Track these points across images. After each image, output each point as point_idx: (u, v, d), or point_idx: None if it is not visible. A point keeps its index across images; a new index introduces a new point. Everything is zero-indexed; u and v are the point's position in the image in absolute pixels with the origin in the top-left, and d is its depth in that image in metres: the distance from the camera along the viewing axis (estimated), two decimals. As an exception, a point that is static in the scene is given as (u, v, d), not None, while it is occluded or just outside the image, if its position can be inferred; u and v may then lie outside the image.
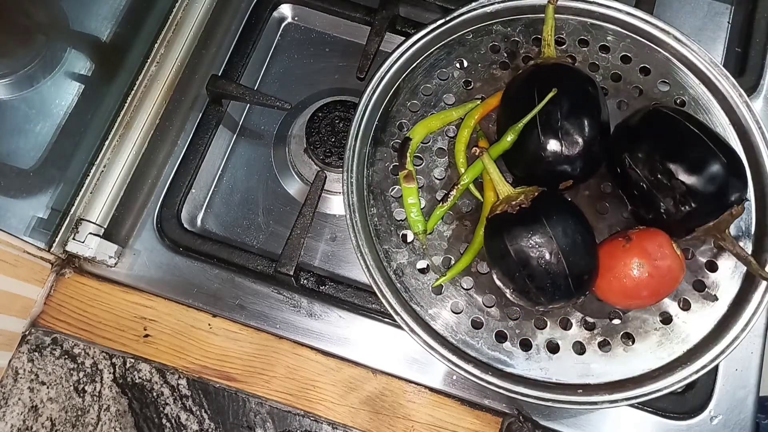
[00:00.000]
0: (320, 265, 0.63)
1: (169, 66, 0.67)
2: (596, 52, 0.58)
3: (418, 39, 0.58)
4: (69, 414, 0.58)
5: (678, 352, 0.52)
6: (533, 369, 0.51)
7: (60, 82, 0.59)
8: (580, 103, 0.51)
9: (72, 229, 0.60)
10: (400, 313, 0.51)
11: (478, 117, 0.56)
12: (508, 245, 0.48)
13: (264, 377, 0.59)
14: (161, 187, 0.64)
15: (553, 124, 0.50)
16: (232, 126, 0.68)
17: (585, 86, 0.52)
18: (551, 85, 0.51)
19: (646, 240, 0.50)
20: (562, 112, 0.50)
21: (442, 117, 0.56)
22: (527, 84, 0.53)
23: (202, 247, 0.61)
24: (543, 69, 0.54)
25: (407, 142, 0.55)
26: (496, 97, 0.56)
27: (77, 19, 0.61)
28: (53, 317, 0.60)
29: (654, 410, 0.58)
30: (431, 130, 0.56)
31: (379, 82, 0.57)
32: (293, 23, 0.72)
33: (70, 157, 0.61)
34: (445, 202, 0.53)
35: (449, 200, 0.53)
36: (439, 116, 0.56)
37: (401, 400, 0.59)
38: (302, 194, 0.64)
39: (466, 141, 0.56)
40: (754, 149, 0.55)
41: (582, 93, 0.52)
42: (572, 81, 0.52)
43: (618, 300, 0.51)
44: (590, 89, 0.52)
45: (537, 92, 0.51)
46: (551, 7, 0.55)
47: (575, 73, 0.53)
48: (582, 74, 0.53)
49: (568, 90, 0.51)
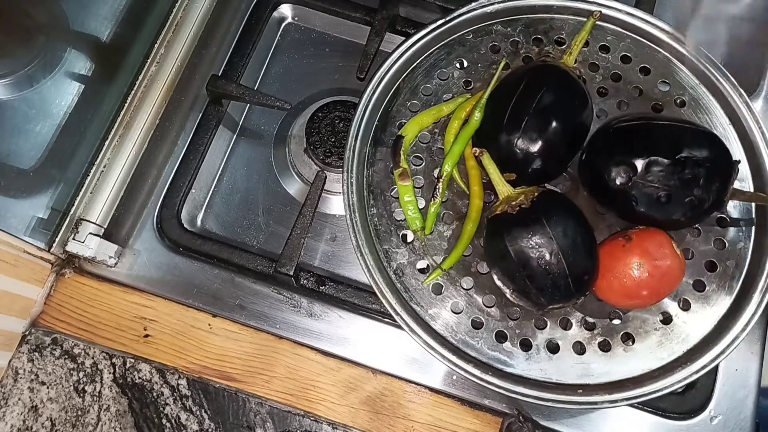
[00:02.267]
0: (320, 265, 0.63)
1: (169, 66, 0.67)
2: (596, 52, 0.58)
3: (418, 39, 0.58)
4: (69, 414, 0.58)
5: (678, 352, 0.52)
6: (533, 369, 0.51)
7: (60, 82, 0.59)
8: (558, 105, 0.51)
9: (72, 229, 0.60)
10: (400, 313, 0.51)
11: (468, 110, 0.56)
12: (508, 246, 0.48)
13: (264, 377, 0.59)
14: (161, 187, 0.64)
15: (521, 116, 0.50)
16: (232, 126, 0.68)
17: (571, 91, 0.53)
18: (540, 84, 0.51)
19: (646, 240, 0.50)
20: (535, 108, 0.50)
21: (434, 113, 0.56)
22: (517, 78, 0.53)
23: (202, 247, 0.61)
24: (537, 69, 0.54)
25: (400, 140, 0.55)
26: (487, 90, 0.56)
27: (77, 19, 0.61)
28: (53, 317, 0.60)
29: (654, 410, 0.58)
30: (423, 126, 0.56)
31: (379, 82, 0.57)
32: (293, 23, 0.72)
33: (70, 157, 0.61)
34: (435, 198, 0.53)
35: (438, 194, 0.53)
36: (431, 112, 0.56)
37: (401, 400, 0.59)
38: (302, 194, 0.64)
39: (456, 132, 0.56)
40: (754, 149, 0.55)
41: (565, 97, 0.52)
42: (562, 84, 0.52)
43: (618, 300, 0.51)
44: (576, 97, 0.52)
45: (524, 85, 0.51)
46: (592, 20, 0.55)
47: (566, 76, 0.53)
48: (572, 79, 0.53)
49: (553, 91, 0.51)
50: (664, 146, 0.50)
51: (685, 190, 0.49)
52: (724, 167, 0.50)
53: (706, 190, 0.49)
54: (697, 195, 0.49)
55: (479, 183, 0.54)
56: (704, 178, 0.49)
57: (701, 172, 0.49)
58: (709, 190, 0.49)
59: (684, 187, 0.49)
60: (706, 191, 0.49)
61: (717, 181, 0.49)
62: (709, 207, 0.50)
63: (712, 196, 0.49)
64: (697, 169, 0.49)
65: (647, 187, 0.49)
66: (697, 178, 0.49)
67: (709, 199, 0.49)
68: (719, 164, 0.50)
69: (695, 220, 0.52)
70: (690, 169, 0.49)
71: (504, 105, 0.52)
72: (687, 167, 0.49)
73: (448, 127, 0.56)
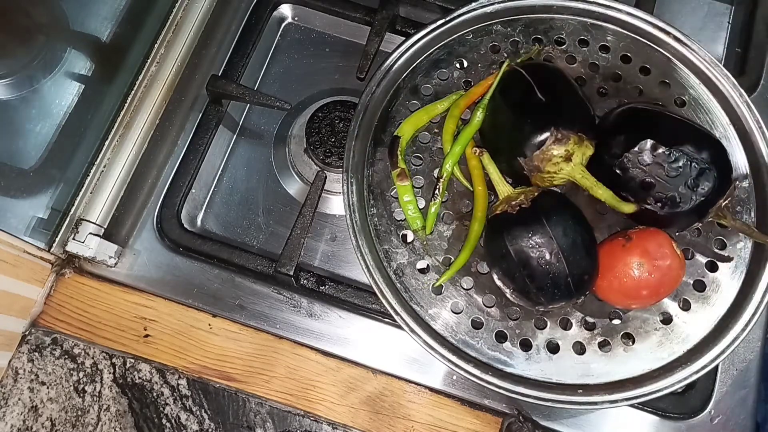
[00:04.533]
0: (320, 265, 0.63)
1: (169, 66, 0.67)
2: (596, 52, 0.58)
3: (418, 39, 0.58)
4: (69, 414, 0.58)
5: (678, 352, 0.52)
6: (533, 369, 0.51)
7: (60, 82, 0.59)
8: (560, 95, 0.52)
9: (72, 229, 0.60)
10: (400, 313, 0.51)
11: (463, 107, 0.56)
12: (508, 245, 0.48)
13: (264, 377, 0.59)
14: (161, 187, 0.64)
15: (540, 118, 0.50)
16: (232, 126, 0.68)
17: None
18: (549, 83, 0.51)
19: (646, 240, 0.50)
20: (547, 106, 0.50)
21: (428, 111, 0.56)
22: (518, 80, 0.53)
23: (202, 247, 0.61)
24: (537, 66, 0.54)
25: (396, 140, 0.55)
26: (480, 86, 0.56)
27: (77, 19, 0.61)
28: (53, 317, 0.60)
29: (654, 410, 0.58)
30: (419, 125, 0.56)
31: (379, 82, 0.57)
32: (293, 23, 0.72)
33: (70, 157, 0.61)
34: (435, 198, 0.53)
35: (438, 194, 0.53)
36: (426, 110, 0.56)
37: (401, 400, 0.59)
38: (302, 194, 0.64)
39: (453, 132, 0.56)
40: (755, 149, 0.55)
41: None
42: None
43: (618, 300, 0.51)
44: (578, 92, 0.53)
45: (535, 84, 0.51)
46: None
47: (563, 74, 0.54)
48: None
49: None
50: (666, 135, 0.49)
51: (671, 184, 0.49)
52: (720, 178, 0.49)
53: (692, 192, 0.49)
54: (681, 193, 0.49)
55: (483, 183, 0.54)
56: (695, 178, 0.48)
57: (694, 172, 0.48)
58: (695, 193, 0.49)
59: (672, 180, 0.48)
60: (693, 193, 0.49)
61: (706, 188, 0.49)
62: (690, 210, 0.49)
63: (695, 200, 0.49)
64: (691, 168, 0.48)
65: (636, 167, 0.49)
66: (688, 176, 0.49)
67: (691, 201, 0.49)
68: (716, 174, 0.49)
69: (673, 219, 0.51)
70: (684, 165, 0.48)
71: (516, 107, 0.52)
72: (682, 162, 0.48)
73: (444, 127, 0.56)
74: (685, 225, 0.52)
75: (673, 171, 0.49)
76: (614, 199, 0.49)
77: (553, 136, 0.48)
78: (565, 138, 0.48)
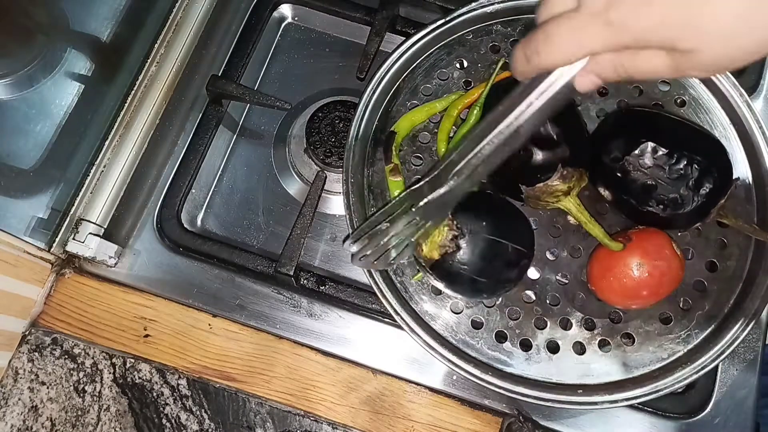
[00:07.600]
0: (320, 265, 0.63)
1: (169, 66, 0.67)
2: (596, 52, 0.58)
3: (418, 39, 0.58)
4: (69, 414, 0.58)
5: (678, 352, 0.52)
6: (533, 369, 0.51)
7: (60, 82, 0.59)
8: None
9: (72, 229, 0.60)
10: (400, 313, 0.51)
11: (460, 107, 0.56)
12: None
13: (264, 377, 0.59)
14: (161, 187, 0.64)
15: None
16: (232, 126, 0.68)
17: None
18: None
19: (645, 240, 0.50)
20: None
21: (426, 109, 0.56)
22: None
23: (202, 247, 0.61)
24: None
25: (392, 136, 0.55)
26: (479, 87, 0.56)
27: (77, 19, 0.61)
28: (53, 317, 0.60)
29: (654, 410, 0.58)
30: (416, 123, 0.56)
31: (379, 82, 0.57)
32: (293, 23, 0.72)
33: (70, 157, 0.61)
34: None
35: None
36: (423, 108, 0.56)
37: (401, 400, 0.59)
38: (302, 194, 0.64)
39: (449, 132, 0.56)
40: (755, 149, 0.55)
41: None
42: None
43: (618, 300, 0.51)
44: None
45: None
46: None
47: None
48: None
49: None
50: (667, 137, 0.49)
51: (673, 186, 0.49)
52: (720, 178, 0.49)
53: (694, 193, 0.49)
54: (683, 194, 0.49)
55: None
56: (696, 179, 0.49)
57: (695, 173, 0.49)
58: (697, 194, 0.49)
59: (673, 181, 0.49)
60: (695, 194, 0.49)
61: (707, 189, 0.49)
62: (691, 211, 0.49)
63: (697, 201, 0.49)
64: (692, 170, 0.48)
65: (638, 170, 0.49)
66: (689, 177, 0.49)
67: (692, 202, 0.49)
68: (717, 174, 0.49)
69: (675, 220, 0.51)
70: (685, 167, 0.48)
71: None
72: (683, 163, 0.48)
73: (440, 127, 0.56)
74: (687, 226, 0.53)
75: (674, 173, 0.49)
76: (605, 237, 0.50)
77: (559, 172, 0.49)
78: (570, 175, 0.49)
